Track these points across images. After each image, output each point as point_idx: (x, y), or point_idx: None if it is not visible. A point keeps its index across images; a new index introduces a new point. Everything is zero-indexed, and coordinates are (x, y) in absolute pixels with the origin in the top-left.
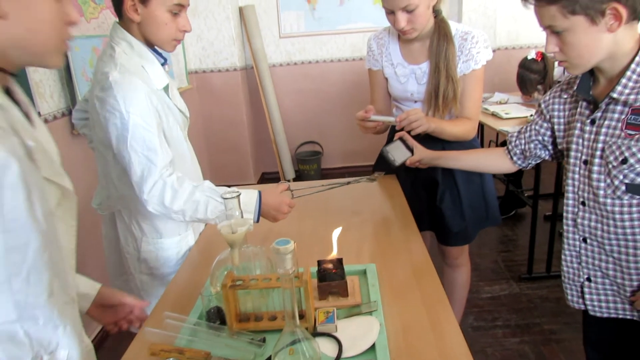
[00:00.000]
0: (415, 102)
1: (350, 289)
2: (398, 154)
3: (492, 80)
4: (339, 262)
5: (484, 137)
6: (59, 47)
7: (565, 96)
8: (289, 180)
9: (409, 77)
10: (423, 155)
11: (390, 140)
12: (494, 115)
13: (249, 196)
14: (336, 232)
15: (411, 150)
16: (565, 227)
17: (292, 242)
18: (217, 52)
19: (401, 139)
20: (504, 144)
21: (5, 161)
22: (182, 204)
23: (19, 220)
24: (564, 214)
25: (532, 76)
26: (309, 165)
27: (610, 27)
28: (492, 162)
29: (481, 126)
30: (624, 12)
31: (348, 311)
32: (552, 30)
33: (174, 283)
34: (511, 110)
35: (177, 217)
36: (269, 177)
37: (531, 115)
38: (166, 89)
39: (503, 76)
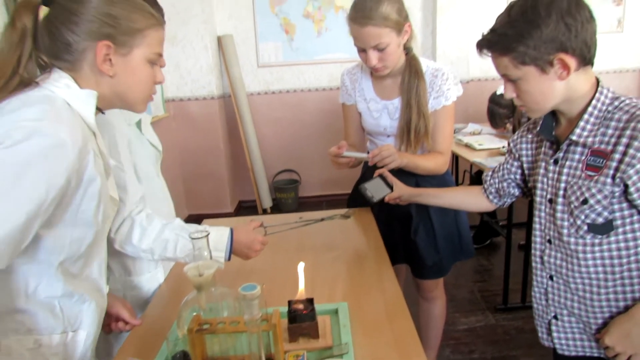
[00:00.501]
0: (388, 136)
1: (321, 330)
2: (377, 190)
3: (466, 111)
4: (309, 302)
5: (458, 168)
6: (147, 99)
7: (530, 136)
8: (265, 210)
9: (382, 112)
10: (402, 192)
11: (364, 174)
12: (468, 146)
13: (220, 234)
14: (300, 267)
15: (390, 187)
16: (533, 264)
17: (258, 287)
18: (195, 80)
19: (381, 176)
20: (478, 174)
21: (94, 176)
22: (150, 243)
23: (87, 220)
24: (532, 251)
25: (500, 111)
26: (287, 194)
27: (560, 76)
28: (471, 200)
29: (455, 157)
30: (571, 61)
31: (319, 354)
32: (507, 78)
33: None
34: (484, 142)
35: (146, 256)
36: (246, 206)
37: (503, 147)
38: (139, 123)
39: (476, 107)
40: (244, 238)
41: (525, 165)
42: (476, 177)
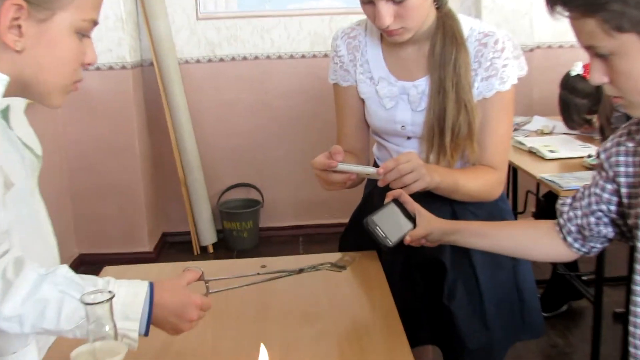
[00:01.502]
0: (409, 138)
1: None
2: (392, 226)
3: (529, 96)
4: None
5: (517, 188)
6: (67, 88)
7: (631, 144)
8: (205, 250)
9: (399, 100)
10: (431, 227)
11: (369, 197)
12: (533, 153)
13: (133, 293)
14: (263, 352)
15: (412, 219)
16: (634, 345)
17: None
18: (97, 40)
19: (396, 201)
20: (549, 200)
21: None
22: (18, 306)
23: None
24: (632, 326)
25: (578, 101)
26: (241, 223)
27: None
28: (539, 243)
29: (513, 171)
30: None
31: None
32: (594, 52)
33: None
34: (559, 147)
35: (11, 327)
36: (174, 241)
37: (590, 157)
38: (5, 112)
39: (545, 91)
40: (171, 300)
41: (623, 191)
42: (546, 205)
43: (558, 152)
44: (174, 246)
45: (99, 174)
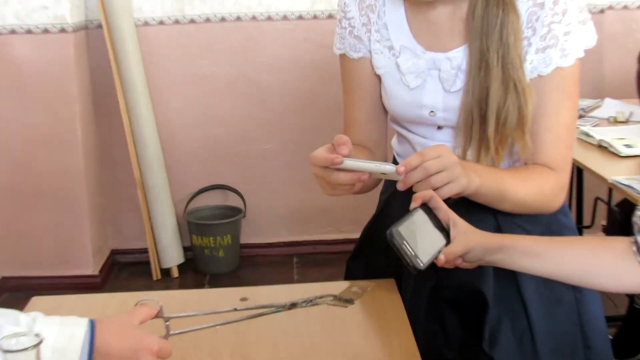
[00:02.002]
0: (439, 128)
1: None
2: (422, 241)
3: (599, 73)
4: None
5: (582, 193)
6: None
7: None
8: (167, 274)
9: (427, 77)
10: (471, 242)
11: (387, 204)
12: (604, 148)
13: (68, 335)
14: None
15: (446, 231)
16: None
17: None
18: None
19: (425, 206)
20: (625, 209)
21: None
22: None
23: None
24: None
25: None
26: (215, 239)
27: None
28: (609, 267)
29: (577, 171)
30: None
31: None
32: None
33: None
34: (637, 140)
35: None
36: (126, 262)
37: None
38: None
39: (620, 65)
40: (118, 345)
41: None
42: (621, 217)
43: (637, 146)
44: (126, 269)
45: (26, 172)
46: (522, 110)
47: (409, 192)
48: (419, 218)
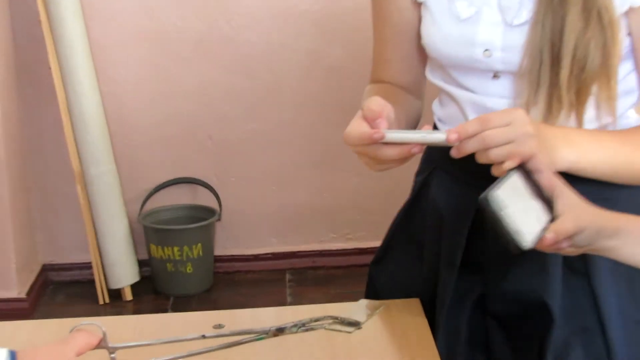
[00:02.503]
0: (496, 76)
1: None
2: (522, 213)
3: None
4: None
5: None
6: None
7: None
8: (117, 296)
9: (483, 5)
10: (584, 221)
11: (426, 194)
12: None
13: None
14: None
15: (549, 202)
16: None
17: None
18: None
19: (523, 168)
20: None
21: None
22: None
23: None
24: None
25: None
26: (181, 249)
27: None
28: None
29: None
30: None
31: None
32: None
33: None
34: None
35: None
36: (61, 281)
37: None
38: None
39: None
40: None
41: None
42: None
43: None
44: (62, 290)
45: None
46: (607, 49)
47: (452, 170)
48: (516, 183)
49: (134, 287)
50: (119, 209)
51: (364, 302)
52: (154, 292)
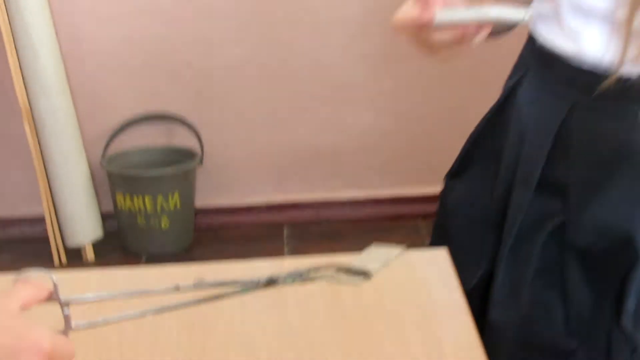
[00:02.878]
0: None
1: None
2: None
3: None
4: None
5: None
6: None
7: None
8: (79, 251)
9: None
10: None
11: (512, 102)
12: None
13: None
14: None
15: None
16: None
17: None
18: None
19: None
20: None
21: None
22: None
23: None
24: None
25: None
26: (154, 200)
27: None
28: None
29: None
30: None
31: None
32: None
33: None
34: None
35: None
36: (10, 238)
37: None
38: None
39: None
40: None
41: None
42: None
43: None
44: (9, 248)
45: None
46: None
47: (544, 76)
48: None
49: (96, 245)
50: (77, 152)
51: (375, 248)
52: (122, 251)
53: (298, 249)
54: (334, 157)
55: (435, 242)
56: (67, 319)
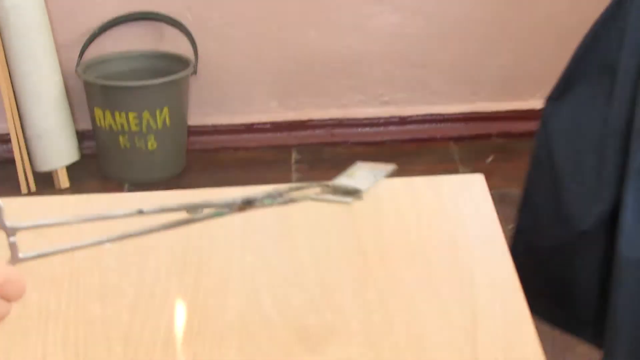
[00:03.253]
0: None
1: None
2: None
3: None
4: None
5: None
6: None
7: None
8: (51, 175)
9: None
10: None
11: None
12: None
13: None
14: None
15: None
16: None
17: None
18: None
19: None
20: None
21: None
22: None
23: None
24: None
25: None
26: (139, 116)
27: None
28: None
29: None
30: None
31: None
32: None
33: None
34: None
35: None
36: None
37: None
38: None
39: None
40: None
41: None
42: None
43: None
44: None
45: None
46: None
47: None
48: None
49: (71, 169)
50: (48, 58)
51: (360, 167)
52: (101, 177)
53: (308, 176)
54: (351, 66)
55: (535, 177)
56: (13, 247)
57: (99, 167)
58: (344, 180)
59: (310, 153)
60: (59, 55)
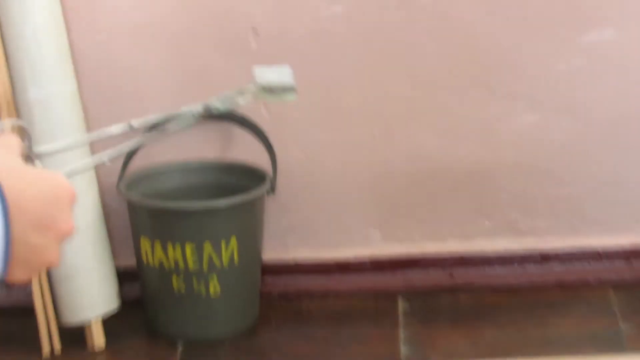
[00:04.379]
0: None
1: None
2: None
3: None
4: None
5: None
6: None
7: None
8: (83, 333)
9: None
10: None
11: None
12: None
13: None
14: None
15: None
16: None
17: None
18: None
19: None
20: None
21: None
22: None
23: None
24: None
25: None
26: (201, 247)
27: None
28: None
29: None
30: None
31: None
32: None
33: None
34: None
35: None
36: None
37: None
38: None
39: None
40: (34, 193)
41: None
42: None
43: None
44: None
45: None
46: None
47: None
48: None
49: (108, 322)
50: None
51: (263, 71)
52: (147, 332)
53: (421, 336)
54: (476, 183)
55: None
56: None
57: (145, 319)
58: (262, 81)
59: (422, 301)
60: (96, 167)
